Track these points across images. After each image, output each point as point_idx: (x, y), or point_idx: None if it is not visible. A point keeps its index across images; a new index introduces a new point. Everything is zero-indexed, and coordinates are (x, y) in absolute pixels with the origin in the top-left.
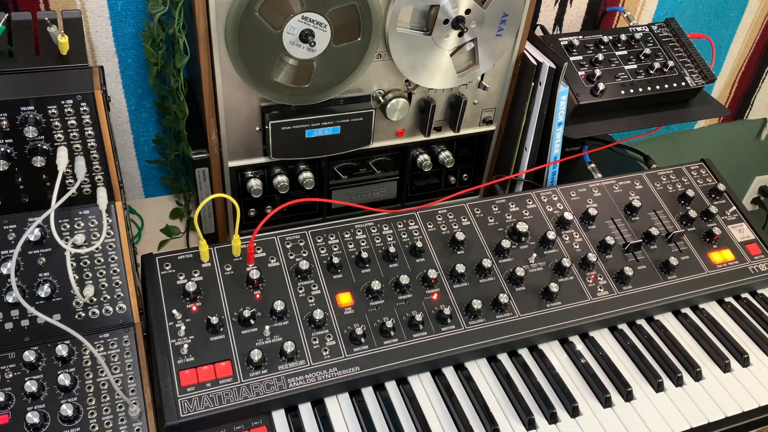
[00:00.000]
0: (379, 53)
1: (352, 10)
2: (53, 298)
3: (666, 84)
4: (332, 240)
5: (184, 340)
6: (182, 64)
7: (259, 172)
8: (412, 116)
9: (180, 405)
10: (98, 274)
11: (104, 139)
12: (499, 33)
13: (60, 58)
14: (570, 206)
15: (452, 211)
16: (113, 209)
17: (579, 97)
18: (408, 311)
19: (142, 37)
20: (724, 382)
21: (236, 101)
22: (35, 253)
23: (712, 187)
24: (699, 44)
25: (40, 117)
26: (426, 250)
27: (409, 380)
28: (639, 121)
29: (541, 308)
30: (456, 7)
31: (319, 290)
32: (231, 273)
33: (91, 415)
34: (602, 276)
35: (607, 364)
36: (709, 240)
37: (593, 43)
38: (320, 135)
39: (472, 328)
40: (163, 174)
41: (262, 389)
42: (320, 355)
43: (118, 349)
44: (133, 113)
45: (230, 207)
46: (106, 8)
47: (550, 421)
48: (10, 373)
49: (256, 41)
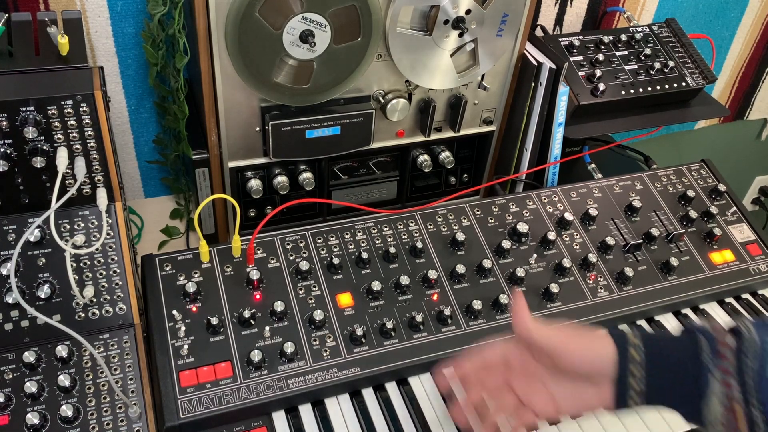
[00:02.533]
0: (379, 53)
1: (352, 11)
2: (53, 299)
3: (666, 84)
4: (332, 240)
5: (184, 341)
6: (182, 64)
7: (259, 173)
8: (412, 116)
9: (180, 406)
10: (98, 274)
11: (104, 140)
12: (499, 33)
13: (60, 59)
14: (570, 207)
15: (452, 212)
16: (113, 210)
17: (579, 98)
18: (408, 312)
19: (142, 37)
20: None
21: (236, 101)
22: (35, 254)
23: (712, 187)
24: (699, 44)
25: (40, 117)
26: (426, 250)
27: (409, 381)
28: (639, 121)
29: (542, 309)
30: (456, 8)
31: (320, 291)
32: (231, 273)
33: (91, 415)
34: (602, 276)
35: None
36: (710, 240)
37: (593, 44)
38: (320, 135)
39: (473, 328)
40: (163, 174)
41: (262, 390)
42: (320, 355)
43: (118, 349)
44: (133, 113)
45: (230, 207)
46: (106, 8)
47: (550, 422)
48: (10, 374)
49: (256, 41)
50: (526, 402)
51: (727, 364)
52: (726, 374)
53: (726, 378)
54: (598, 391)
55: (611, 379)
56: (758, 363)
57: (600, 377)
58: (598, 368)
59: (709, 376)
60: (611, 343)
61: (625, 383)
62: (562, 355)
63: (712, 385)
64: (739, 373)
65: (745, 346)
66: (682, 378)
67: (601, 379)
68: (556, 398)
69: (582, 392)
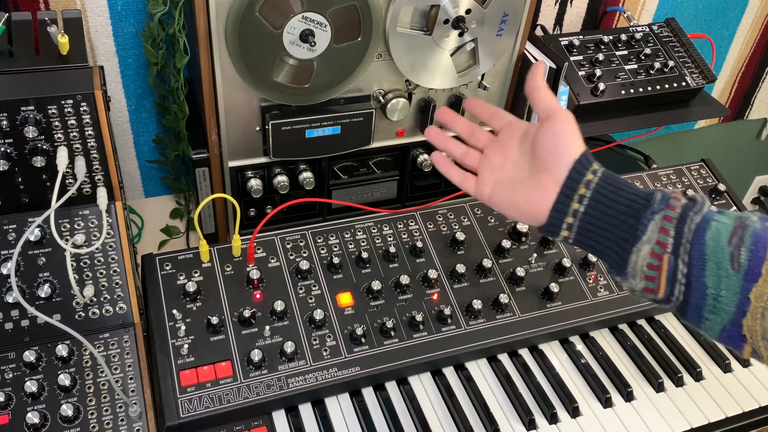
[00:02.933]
0: (380, 53)
1: (352, 10)
2: (53, 298)
3: (666, 84)
4: (332, 240)
5: (184, 340)
6: (182, 64)
7: (259, 172)
8: (412, 116)
9: (180, 405)
10: (98, 274)
11: (104, 139)
12: (499, 33)
13: (60, 58)
14: None
15: (452, 211)
16: (113, 209)
17: (579, 97)
18: (408, 311)
19: (143, 36)
20: (724, 382)
21: (236, 101)
22: (35, 253)
23: (712, 187)
24: (699, 44)
25: (40, 117)
26: (426, 250)
27: (409, 380)
28: (639, 121)
29: (542, 308)
30: (456, 7)
31: (320, 290)
32: (231, 273)
33: (91, 415)
34: (602, 276)
35: (607, 364)
36: None
37: (593, 43)
38: (320, 135)
39: (473, 328)
40: (163, 174)
41: (263, 389)
42: (320, 355)
43: (118, 349)
44: (133, 113)
45: (230, 207)
46: (106, 8)
47: (550, 422)
48: (10, 373)
49: (256, 41)
50: (484, 157)
51: (672, 213)
52: (667, 221)
53: (665, 225)
54: (540, 188)
55: (558, 182)
56: (701, 218)
57: (553, 173)
58: (556, 163)
59: (650, 223)
60: (582, 152)
61: (569, 194)
62: (546, 125)
63: (650, 232)
64: (680, 222)
65: (697, 207)
66: (623, 220)
67: (552, 175)
68: (503, 170)
69: (528, 180)
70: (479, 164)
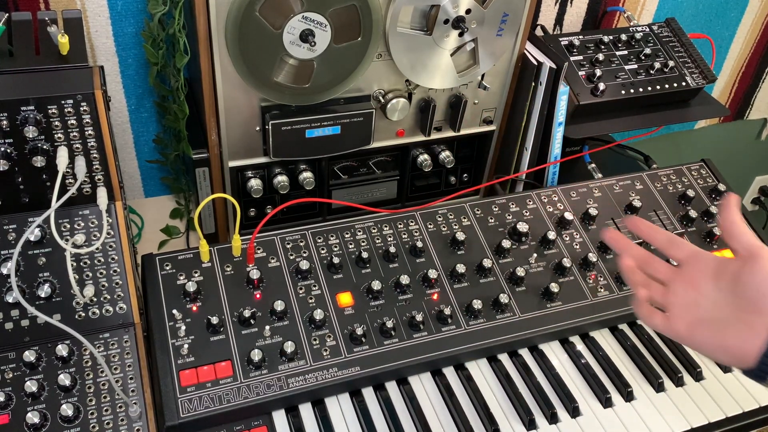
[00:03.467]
0: (380, 53)
1: (352, 10)
2: (53, 298)
3: (666, 84)
4: (332, 240)
5: (185, 340)
6: (182, 63)
7: (259, 172)
8: (412, 116)
9: (180, 405)
10: (98, 274)
11: (104, 139)
12: (499, 33)
13: (60, 58)
14: (570, 206)
15: (452, 211)
16: (113, 209)
17: (579, 97)
18: (408, 311)
19: (143, 36)
20: (724, 382)
21: (236, 101)
22: (35, 253)
23: (712, 187)
24: (699, 44)
25: (40, 117)
26: (426, 250)
27: (409, 380)
28: (639, 121)
29: (542, 308)
30: (456, 7)
31: (320, 290)
32: (231, 273)
33: (91, 415)
34: (603, 276)
35: (607, 364)
36: (710, 240)
37: (593, 43)
38: (320, 135)
39: (473, 328)
40: (163, 174)
41: (263, 389)
42: (320, 355)
43: (118, 349)
44: (133, 113)
45: (230, 207)
46: (106, 8)
47: (550, 422)
48: (10, 373)
49: (256, 41)
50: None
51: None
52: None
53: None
54: (753, 331)
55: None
56: None
57: (766, 316)
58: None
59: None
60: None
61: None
62: (751, 264)
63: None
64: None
65: None
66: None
67: (766, 318)
68: (699, 308)
69: (735, 322)
70: (666, 299)
